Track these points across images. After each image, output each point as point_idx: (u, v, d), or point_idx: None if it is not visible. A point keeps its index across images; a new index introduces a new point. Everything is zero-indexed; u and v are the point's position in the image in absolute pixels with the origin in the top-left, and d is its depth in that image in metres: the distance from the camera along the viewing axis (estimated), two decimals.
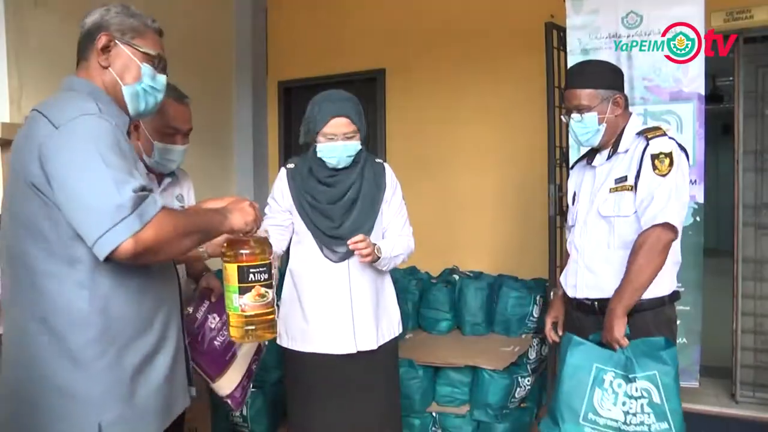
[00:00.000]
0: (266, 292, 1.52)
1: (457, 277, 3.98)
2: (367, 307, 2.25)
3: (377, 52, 4.71)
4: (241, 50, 4.93)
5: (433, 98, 4.52)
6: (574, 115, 2.16)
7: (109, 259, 1.26)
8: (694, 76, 3.07)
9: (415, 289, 3.83)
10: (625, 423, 1.92)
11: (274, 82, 5.18)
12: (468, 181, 4.42)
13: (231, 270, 1.52)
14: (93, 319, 1.33)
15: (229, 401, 2.10)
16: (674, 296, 2.15)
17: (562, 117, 2.28)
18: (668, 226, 1.99)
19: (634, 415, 1.92)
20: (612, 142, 2.19)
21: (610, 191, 2.13)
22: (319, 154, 2.18)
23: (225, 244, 1.55)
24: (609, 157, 2.19)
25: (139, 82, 1.50)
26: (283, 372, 3.51)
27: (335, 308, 2.21)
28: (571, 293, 2.27)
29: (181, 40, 4.08)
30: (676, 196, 2.01)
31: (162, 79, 1.56)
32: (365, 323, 2.24)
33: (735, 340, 3.73)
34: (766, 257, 3.78)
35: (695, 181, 3.06)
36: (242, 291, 1.50)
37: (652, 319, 2.06)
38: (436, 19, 4.48)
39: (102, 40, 1.47)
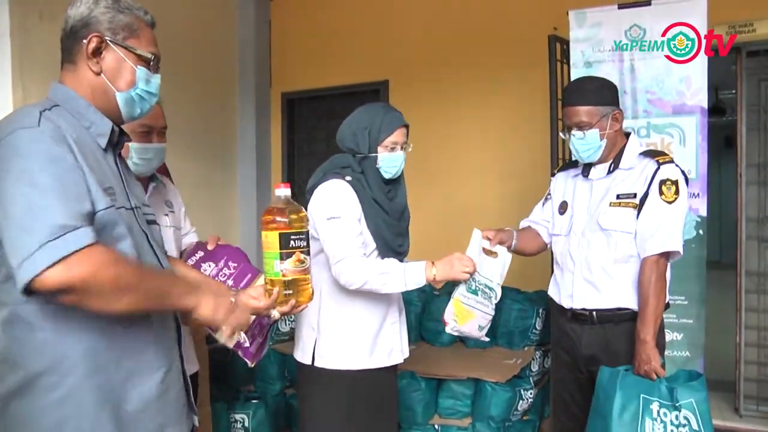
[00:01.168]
0: (305, 258, 1.56)
1: None
2: (404, 315, 2.29)
3: (380, 63, 4.73)
4: (245, 62, 4.96)
5: (436, 110, 4.53)
6: (576, 132, 2.19)
7: (31, 291, 1.13)
8: (696, 90, 3.08)
9: (417, 301, 3.82)
10: None
11: (277, 94, 5.20)
12: (470, 192, 4.42)
13: (272, 237, 1.54)
14: (45, 349, 1.22)
15: (240, 353, 1.88)
16: (666, 307, 2.21)
17: (560, 134, 2.30)
18: (668, 253, 2.11)
19: None
20: (612, 158, 2.23)
21: (611, 205, 2.18)
22: (380, 164, 2.11)
23: (264, 213, 1.57)
24: (609, 172, 2.23)
25: (134, 87, 1.39)
26: (286, 385, 3.53)
27: (389, 321, 2.18)
28: (566, 304, 2.29)
29: (184, 52, 4.10)
30: (680, 224, 2.12)
31: (156, 80, 1.44)
32: (406, 332, 2.27)
33: (738, 354, 3.71)
34: None
35: (698, 194, 3.06)
36: (283, 257, 1.53)
37: None
38: (439, 32, 4.50)
39: (93, 42, 1.32)
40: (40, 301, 1.19)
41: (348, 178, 2.10)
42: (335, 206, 2.04)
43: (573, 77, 3.29)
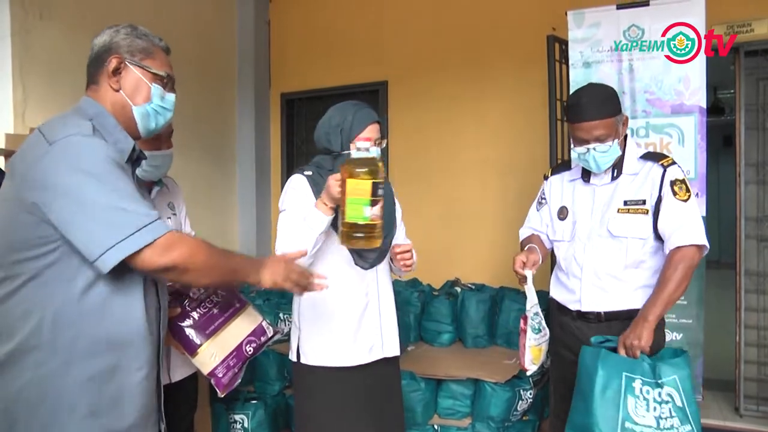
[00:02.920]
0: (382, 206, 1.77)
1: (458, 289, 3.97)
2: (392, 312, 2.26)
3: (379, 64, 4.73)
4: (244, 62, 4.96)
5: (435, 110, 4.54)
6: (599, 146, 2.12)
7: (121, 269, 1.31)
8: (695, 89, 3.08)
9: (416, 302, 3.83)
10: (658, 428, 1.95)
11: (276, 94, 5.21)
12: (470, 193, 4.42)
13: (364, 185, 1.72)
14: (35, 332, 1.33)
15: (212, 381, 1.93)
16: None
17: (574, 150, 2.21)
18: (701, 248, 2.10)
19: (665, 419, 1.96)
20: (614, 163, 2.21)
21: (619, 211, 2.17)
22: None
23: (351, 163, 1.76)
24: (613, 178, 2.22)
25: (149, 102, 1.53)
26: (285, 386, 3.53)
27: (368, 316, 2.17)
28: (574, 307, 2.28)
29: (184, 52, 4.10)
30: (700, 220, 2.12)
31: (171, 98, 1.59)
32: (391, 329, 2.24)
33: (738, 353, 3.71)
34: None
35: (697, 194, 3.06)
36: (372, 203, 1.74)
37: None
38: (438, 32, 4.51)
39: (113, 62, 1.48)
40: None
41: (307, 172, 2.16)
42: (285, 199, 2.12)
43: (572, 77, 3.30)
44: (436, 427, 3.24)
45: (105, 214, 1.29)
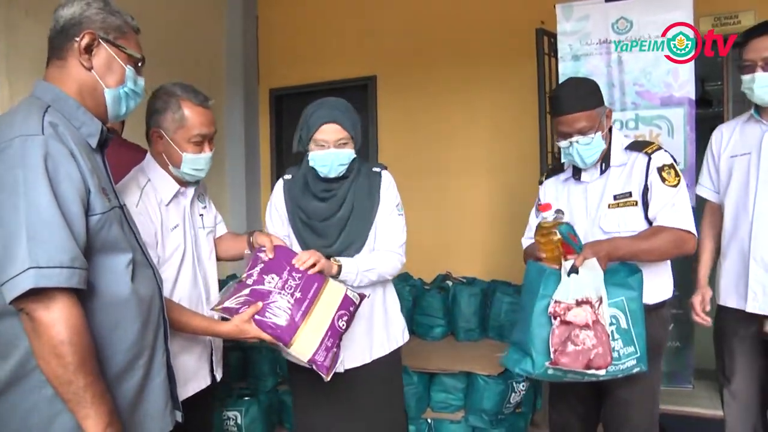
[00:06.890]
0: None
1: (450, 283, 3.98)
2: (395, 307, 2.29)
3: (368, 59, 4.73)
4: (232, 58, 4.93)
5: (425, 105, 4.54)
6: (581, 138, 2.09)
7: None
8: (684, 81, 3.10)
9: (408, 296, 3.83)
10: None
11: (265, 90, 5.19)
12: (460, 187, 4.43)
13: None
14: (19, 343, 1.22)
15: (314, 367, 1.82)
16: (672, 297, 2.20)
17: (557, 143, 2.20)
18: (690, 235, 2.05)
19: None
20: (602, 157, 2.17)
21: (609, 207, 2.12)
22: (311, 163, 2.09)
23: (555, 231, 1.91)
24: (602, 172, 2.17)
25: (123, 85, 1.43)
26: (278, 382, 3.53)
27: (377, 313, 2.18)
28: None
29: (171, 48, 4.07)
30: (690, 208, 2.08)
31: (142, 82, 1.50)
32: (380, 333, 2.20)
33: None
34: None
35: (687, 184, 3.08)
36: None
37: (654, 320, 2.07)
38: (426, 27, 4.50)
39: (86, 38, 1.37)
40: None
41: (287, 176, 2.14)
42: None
43: (561, 70, 3.31)
44: (429, 420, 3.25)
45: (12, 239, 1.16)
